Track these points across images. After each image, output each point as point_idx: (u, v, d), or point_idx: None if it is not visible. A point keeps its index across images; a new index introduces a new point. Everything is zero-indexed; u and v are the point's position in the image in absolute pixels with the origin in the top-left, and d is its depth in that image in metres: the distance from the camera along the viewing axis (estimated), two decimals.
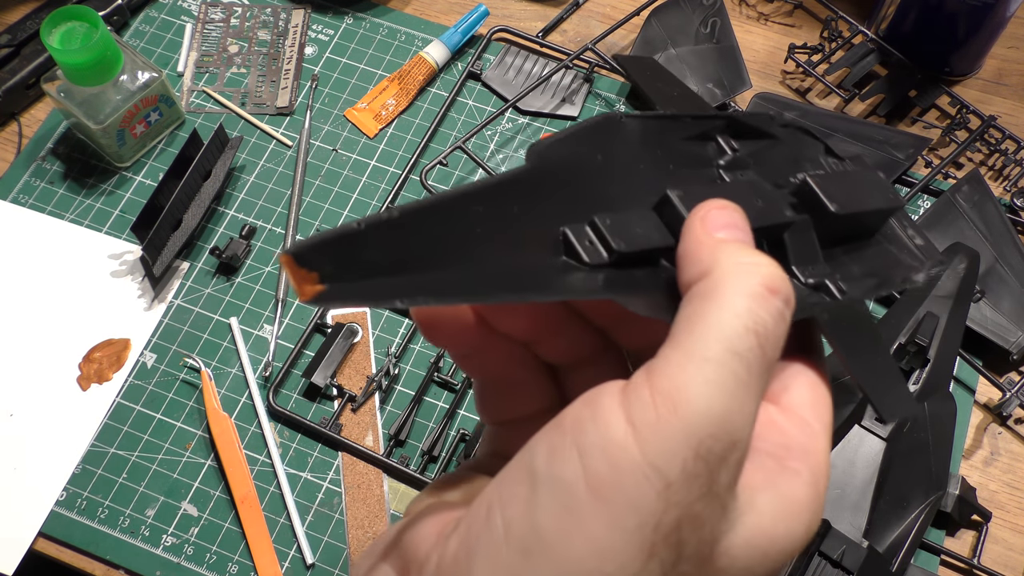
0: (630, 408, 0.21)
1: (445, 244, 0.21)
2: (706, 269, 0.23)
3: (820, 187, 0.26)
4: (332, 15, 0.73)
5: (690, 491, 0.20)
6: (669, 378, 0.21)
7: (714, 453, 0.21)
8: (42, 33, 0.58)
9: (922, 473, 0.50)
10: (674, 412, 0.21)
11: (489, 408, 0.30)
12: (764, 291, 0.22)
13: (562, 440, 0.21)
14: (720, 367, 0.21)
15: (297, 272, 0.19)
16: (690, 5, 0.69)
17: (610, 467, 0.20)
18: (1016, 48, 0.71)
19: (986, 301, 0.58)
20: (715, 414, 0.21)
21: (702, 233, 0.24)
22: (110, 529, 0.55)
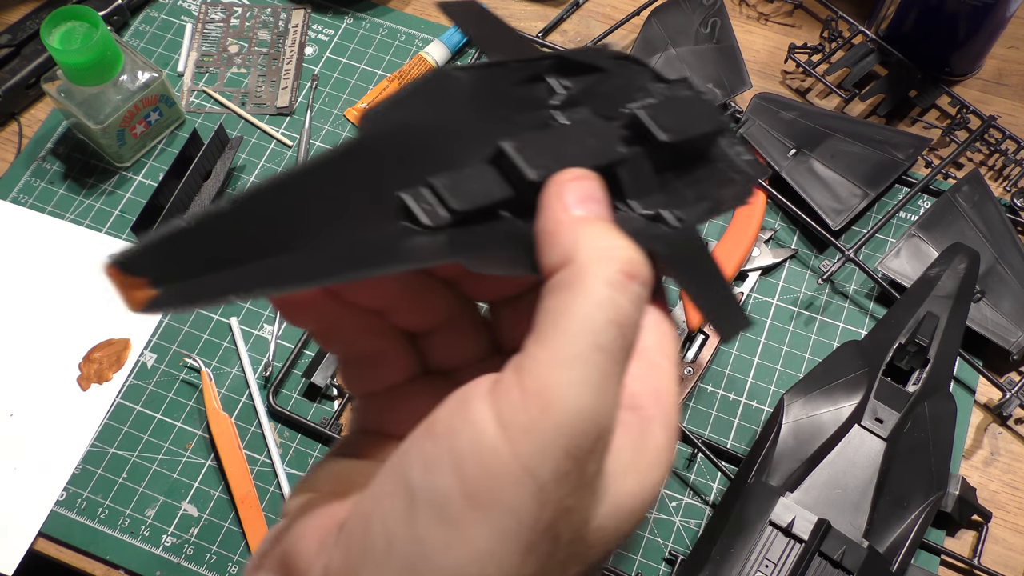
0: (501, 411, 0.21)
1: (282, 228, 0.21)
2: (567, 255, 0.23)
3: (649, 117, 0.26)
4: (332, 15, 0.73)
5: (562, 488, 0.21)
6: (538, 378, 0.21)
7: (583, 449, 0.21)
8: (42, 33, 0.58)
9: (922, 473, 0.50)
10: (544, 413, 0.21)
11: (354, 381, 0.30)
12: (623, 278, 0.23)
13: (435, 449, 0.22)
14: (586, 364, 0.22)
15: (124, 280, 0.19)
16: (690, 5, 0.69)
17: (485, 474, 0.21)
18: (1016, 48, 0.71)
19: (986, 301, 0.58)
20: (584, 412, 0.21)
21: (560, 211, 0.24)
22: (110, 529, 0.55)
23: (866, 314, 0.61)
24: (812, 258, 0.63)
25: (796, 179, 0.63)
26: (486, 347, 0.31)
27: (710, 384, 0.58)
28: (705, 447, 0.54)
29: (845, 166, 0.63)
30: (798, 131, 0.64)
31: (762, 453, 0.51)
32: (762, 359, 0.59)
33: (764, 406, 0.58)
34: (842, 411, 0.51)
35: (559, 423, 0.21)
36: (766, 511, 0.48)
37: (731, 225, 0.62)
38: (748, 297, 0.61)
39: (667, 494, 0.55)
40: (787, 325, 0.60)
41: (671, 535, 0.54)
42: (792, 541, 0.47)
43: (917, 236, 0.60)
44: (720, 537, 0.48)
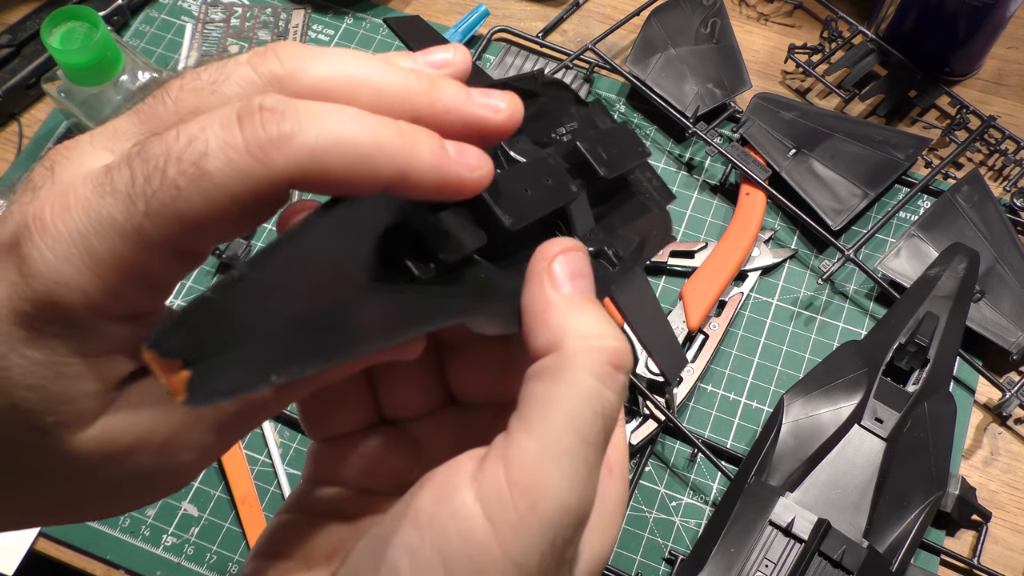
0: (488, 504, 0.22)
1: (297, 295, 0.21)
2: (555, 341, 0.24)
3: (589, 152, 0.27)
4: (332, 15, 0.73)
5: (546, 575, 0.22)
6: (525, 471, 0.22)
7: (566, 539, 0.22)
8: (42, 33, 0.58)
9: (922, 473, 0.50)
10: (532, 510, 0.22)
11: (314, 424, 0.30)
12: (610, 369, 0.23)
13: (422, 541, 0.22)
14: (574, 459, 0.22)
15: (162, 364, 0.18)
16: (690, 5, 0.69)
17: (474, 570, 0.22)
18: (1016, 48, 0.71)
19: (986, 301, 0.58)
20: (570, 507, 0.22)
21: (549, 290, 0.24)
22: (110, 529, 0.55)
23: (866, 314, 0.61)
24: (812, 258, 0.63)
25: (796, 179, 0.63)
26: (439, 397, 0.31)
27: (710, 384, 0.59)
28: (705, 447, 0.54)
29: (845, 166, 0.63)
30: (798, 131, 0.64)
31: (762, 453, 0.51)
32: (762, 359, 0.59)
33: (764, 406, 0.58)
34: (842, 411, 0.51)
35: (547, 520, 0.22)
36: (766, 511, 0.48)
37: (731, 225, 0.62)
38: (748, 297, 0.61)
39: (667, 494, 0.55)
40: (787, 325, 0.60)
41: (671, 535, 0.54)
42: (792, 541, 0.47)
43: (917, 236, 0.60)
44: (720, 537, 0.48)
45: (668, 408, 0.55)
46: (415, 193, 0.22)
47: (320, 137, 0.20)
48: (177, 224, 0.20)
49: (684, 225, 0.64)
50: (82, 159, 0.22)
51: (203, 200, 0.19)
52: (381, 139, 0.21)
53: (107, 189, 0.20)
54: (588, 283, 0.25)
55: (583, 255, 0.25)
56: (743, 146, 0.64)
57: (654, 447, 0.56)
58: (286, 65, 0.22)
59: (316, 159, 0.20)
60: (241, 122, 0.20)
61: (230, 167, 0.19)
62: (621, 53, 0.71)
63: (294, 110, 0.20)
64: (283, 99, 0.21)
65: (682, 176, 0.66)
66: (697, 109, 0.65)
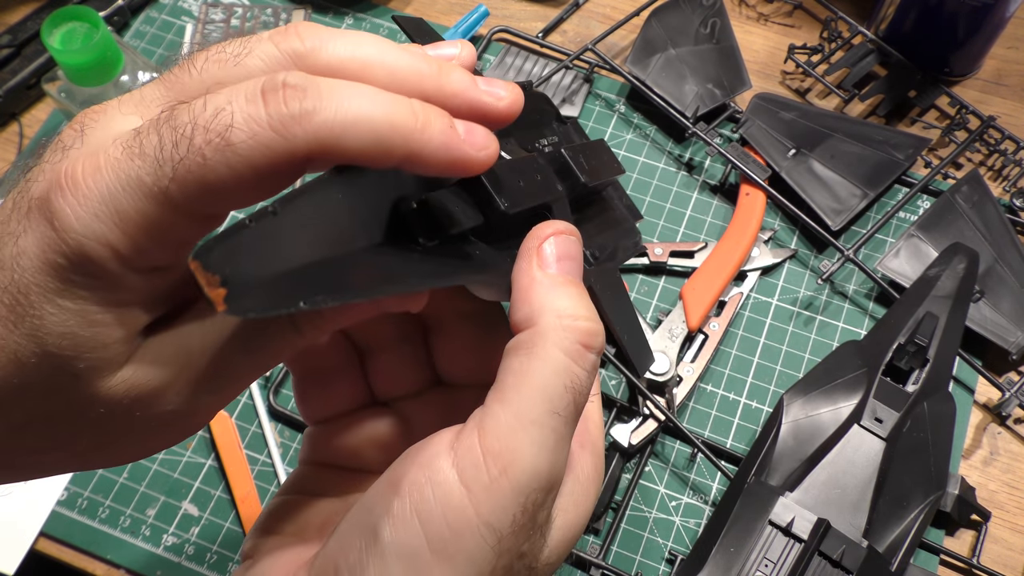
0: (464, 470, 0.24)
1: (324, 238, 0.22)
2: (532, 317, 0.25)
3: (572, 160, 0.29)
4: (332, 15, 0.73)
5: (518, 537, 0.24)
6: (498, 439, 0.24)
7: (537, 503, 0.24)
8: (43, 33, 0.58)
9: (922, 473, 0.51)
10: (504, 474, 0.23)
11: (311, 404, 0.32)
12: (581, 348, 0.25)
13: (402, 506, 0.24)
14: (543, 428, 0.24)
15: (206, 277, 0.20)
16: (690, 5, 0.69)
17: (450, 530, 0.23)
18: (1016, 48, 0.71)
19: (986, 301, 0.58)
20: (540, 472, 0.24)
21: (535, 267, 0.26)
22: (111, 529, 0.55)
23: (866, 314, 0.61)
24: (812, 258, 0.63)
25: (796, 179, 0.63)
26: (427, 378, 0.33)
27: (710, 384, 0.59)
28: (705, 447, 0.54)
29: (845, 166, 0.63)
30: (798, 131, 0.64)
31: (762, 453, 0.51)
32: (762, 359, 0.59)
33: (764, 406, 0.58)
34: (841, 411, 0.51)
35: (517, 483, 0.23)
36: (766, 511, 0.48)
37: (731, 225, 0.62)
38: (748, 297, 0.61)
39: (667, 494, 0.55)
40: (787, 325, 0.60)
41: (671, 535, 0.54)
42: (792, 541, 0.47)
43: (916, 236, 0.60)
44: (720, 537, 0.48)
45: (668, 408, 0.55)
46: (425, 169, 0.23)
47: (339, 114, 0.21)
48: (201, 190, 0.21)
49: (684, 225, 0.64)
50: (111, 123, 0.23)
51: (226, 169, 0.21)
52: (396, 117, 0.22)
53: (136, 152, 0.21)
54: (574, 265, 0.26)
55: (574, 240, 0.27)
56: (743, 146, 0.64)
57: (654, 447, 0.56)
58: (306, 43, 0.23)
59: (335, 135, 0.21)
60: (265, 97, 0.21)
61: (254, 139, 0.21)
62: (621, 53, 0.71)
63: (315, 87, 0.21)
64: (305, 76, 0.21)
65: (682, 176, 0.66)
66: (697, 109, 0.65)
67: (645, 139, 0.67)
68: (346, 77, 0.23)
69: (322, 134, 0.21)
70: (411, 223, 0.25)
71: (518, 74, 0.69)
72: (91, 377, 0.22)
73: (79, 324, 0.22)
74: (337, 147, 0.21)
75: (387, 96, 0.22)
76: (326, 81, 0.22)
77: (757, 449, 0.52)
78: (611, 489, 0.54)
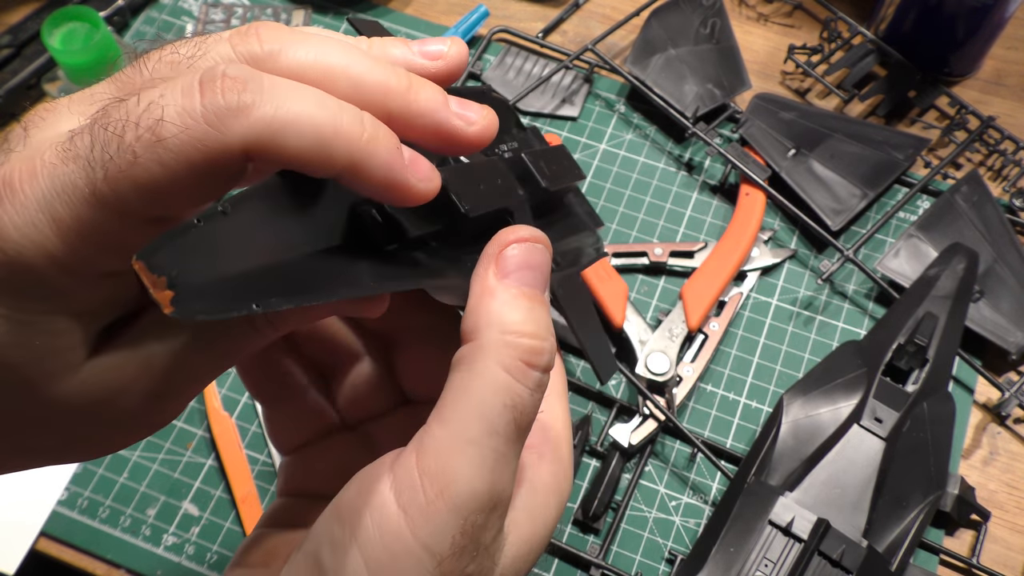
0: (401, 493, 0.23)
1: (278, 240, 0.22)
2: (476, 329, 0.24)
3: (533, 164, 0.28)
4: (332, 15, 0.73)
5: (461, 560, 0.23)
6: (435, 459, 0.23)
7: (478, 524, 0.23)
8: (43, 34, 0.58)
9: (921, 473, 0.51)
10: (441, 495, 0.22)
11: (280, 434, 0.31)
12: (522, 366, 0.24)
13: (342, 533, 0.23)
14: (481, 447, 0.23)
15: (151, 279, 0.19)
16: (690, 6, 0.69)
17: (388, 555, 0.22)
18: (1015, 49, 0.72)
19: (985, 301, 0.58)
20: (479, 492, 0.23)
21: (490, 278, 0.25)
22: (111, 528, 0.55)
23: (865, 314, 0.61)
24: (811, 258, 0.63)
25: (795, 179, 0.63)
26: (392, 397, 0.32)
27: (710, 384, 0.59)
28: (705, 447, 0.54)
29: (844, 166, 0.63)
30: (797, 131, 0.64)
31: (762, 453, 0.51)
32: (762, 359, 0.59)
33: (764, 406, 0.58)
34: (841, 411, 0.51)
35: (454, 504, 0.22)
36: (766, 511, 0.48)
37: (731, 225, 0.62)
38: (748, 297, 0.61)
39: (667, 494, 0.55)
40: (787, 325, 0.60)
41: (671, 535, 0.54)
42: (791, 540, 0.47)
43: (916, 236, 0.60)
44: (720, 537, 0.48)
45: (668, 408, 0.55)
46: (363, 186, 0.22)
47: (280, 112, 0.20)
48: (135, 190, 0.20)
49: (684, 225, 0.64)
50: (57, 122, 0.22)
51: (159, 167, 0.19)
52: (340, 125, 0.21)
53: (70, 155, 0.20)
54: (535, 276, 0.25)
55: (539, 248, 0.26)
56: (743, 146, 0.64)
57: (654, 447, 0.57)
58: (265, 46, 0.22)
59: (273, 133, 0.20)
60: (202, 88, 0.20)
61: (185, 134, 0.19)
62: (621, 53, 0.71)
63: (257, 81, 0.20)
64: (248, 69, 0.20)
65: (682, 176, 0.66)
66: (697, 109, 0.65)
67: (645, 139, 0.67)
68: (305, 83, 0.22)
69: (259, 130, 0.20)
70: (370, 227, 0.24)
71: (518, 74, 0.69)
72: (45, 383, 0.22)
73: (28, 333, 0.21)
74: (276, 146, 0.20)
75: (335, 101, 0.21)
76: (270, 77, 0.21)
77: (757, 449, 0.52)
78: (611, 489, 0.54)
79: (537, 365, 0.24)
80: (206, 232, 0.20)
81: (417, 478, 0.23)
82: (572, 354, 0.59)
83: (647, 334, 0.58)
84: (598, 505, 0.53)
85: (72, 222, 0.20)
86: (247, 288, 0.20)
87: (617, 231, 0.64)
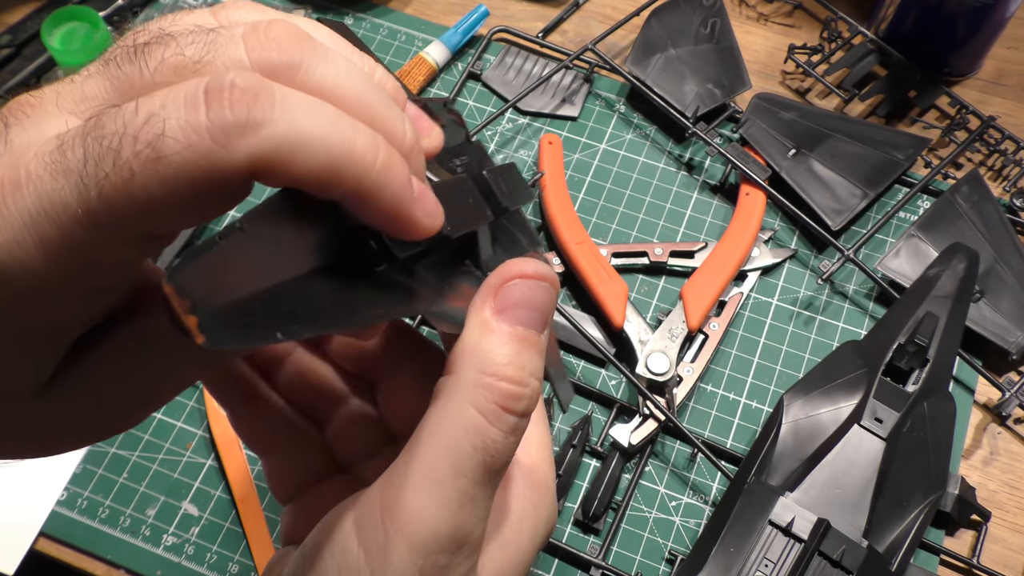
0: (362, 530, 0.22)
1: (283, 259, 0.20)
2: (458, 363, 0.23)
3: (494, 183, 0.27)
4: (332, 15, 0.73)
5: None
6: (397, 497, 0.22)
7: (439, 564, 0.22)
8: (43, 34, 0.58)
9: (922, 473, 0.51)
10: (400, 534, 0.22)
11: (277, 483, 0.31)
12: (497, 410, 0.23)
13: (308, 571, 0.23)
14: (444, 488, 0.22)
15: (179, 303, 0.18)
16: (690, 5, 0.69)
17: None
18: (1015, 49, 0.71)
19: (986, 301, 0.58)
20: (441, 532, 0.22)
21: (484, 311, 0.24)
22: (111, 529, 0.55)
23: (866, 314, 0.61)
24: (812, 258, 0.63)
25: (796, 179, 0.63)
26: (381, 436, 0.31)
27: (710, 384, 0.59)
28: (705, 447, 0.54)
29: (845, 166, 0.63)
30: (798, 131, 0.64)
31: (762, 453, 0.51)
32: (762, 359, 0.59)
33: (764, 406, 0.58)
34: (842, 411, 0.51)
35: (414, 543, 0.22)
36: (766, 511, 0.48)
37: (731, 225, 0.62)
38: (748, 297, 0.61)
39: (667, 494, 0.55)
40: (787, 325, 0.60)
41: (671, 535, 0.54)
42: (792, 541, 0.47)
43: (916, 236, 0.60)
44: (720, 537, 0.48)
45: (668, 408, 0.55)
46: (369, 212, 0.21)
47: (292, 130, 0.19)
48: (132, 210, 0.18)
49: (684, 225, 0.64)
50: (42, 121, 0.21)
51: (158, 186, 0.18)
52: (357, 147, 0.20)
53: (59, 169, 0.19)
54: (533, 316, 0.24)
55: (544, 287, 0.24)
56: (743, 146, 0.64)
57: (654, 447, 0.56)
58: (284, 57, 0.20)
59: (282, 153, 0.19)
60: (208, 100, 0.18)
61: (189, 151, 0.18)
62: (621, 53, 0.71)
63: (268, 94, 0.19)
64: (258, 80, 0.19)
65: (682, 176, 0.66)
66: (697, 109, 0.65)
67: (645, 139, 0.67)
68: None
69: (268, 150, 0.18)
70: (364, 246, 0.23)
71: (518, 74, 0.69)
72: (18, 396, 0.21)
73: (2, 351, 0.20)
74: (284, 166, 0.19)
75: (350, 121, 0.20)
76: (282, 89, 0.19)
77: (757, 449, 0.52)
78: (611, 489, 0.54)
79: (514, 410, 0.23)
80: (226, 250, 0.19)
81: (378, 516, 0.22)
82: (572, 354, 0.59)
83: (647, 334, 0.58)
84: (598, 505, 0.53)
85: (60, 242, 0.19)
86: (266, 312, 0.19)
87: (617, 231, 0.64)
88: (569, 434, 0.56)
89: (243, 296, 0.19)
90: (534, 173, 0.64)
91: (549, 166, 0.64)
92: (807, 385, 0.53)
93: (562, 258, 0.61)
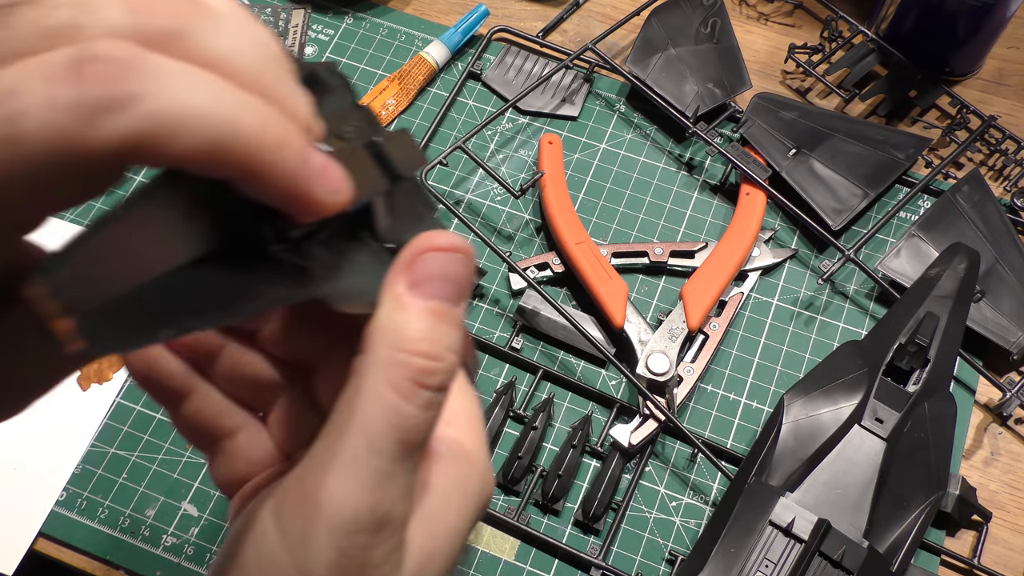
0: (280, 515, 0.22)
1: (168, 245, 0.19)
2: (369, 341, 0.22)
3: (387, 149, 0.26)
4: (332, 15, 0.73)
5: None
6: (314, 479, 0.22)
7: (359, 545, 0.21)
8: None
9: (922, 473, 0.50)
10: (317, 515, 0.21)
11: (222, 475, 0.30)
12: (411, 386, 0.22)
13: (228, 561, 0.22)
14: (360, 467, 0.21)
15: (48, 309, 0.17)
16: (690, 5, 0.69)
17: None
18: (1016, 48, 0.71)
19: (986, 301, 0.58)
20: (358, 512, 0.21)
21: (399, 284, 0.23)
22: (110, 529, 0.55)
23: (866, 314, 0.61)
24: (812, 258, 0.63)
25: (796, 179, 0.63)
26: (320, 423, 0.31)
27: (710, 384, 0.59)
28: (705, 447, 0.54)
29: (845, 166, 0.63)
30: (798, 131, 0.64)
31: (762, 453, 0.51)
32: (762, 359, 0.59)
33: (764, 406, 0.58)
34: (842, 411, 0.51)
35: (331, 524, 0.21)
36: (766, 511, 0.48)
37: (731, 225, 0.62)
38: (748, 297, 0.61)
39: (667, 494, 0.55)
40: (787, 325, 0.60)
41: (671, 535, 0.54)
42: (792, 541, 0.47)
43: (917, 236, 0.60)
44: (720, 537, 0.48)
45: (668, 408, 0.55)
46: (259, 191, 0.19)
47: (168, 106, 0.17)
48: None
49: (684, 225, 0.64)
50: None
51: (18, 168, 0.16)
52: (242, 123, 0.18)
53: None
54: (448, 288, 0.23)
55: (459, 258, 0.23)
56: (743, 146, 0.64)
57: (654, 447, 0.56)
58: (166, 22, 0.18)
59: (158, 132, 0.17)
60: (73, 74, 0.16)
61: (50, 130, 0.16)
62: (621, 53, 0.71)
63: (142, 67, 0.17)
64: (132, 50, 0.17)
65: (682, 176, 0.66)
66: (697, 109, 0.65)
67: (645, 139, 0.67)
68: None
69: (142, 128, 0.17)
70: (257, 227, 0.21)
71: (518, 74, 0.69)
72: None
73: None
74: (160, 146, 0.17)
75: (235, 92, 0.18)
76: (158, 59, 0.17)
77: (757, 449, 0.52)
78: (611, 489, 0.54)
79: (429, 385, 0.22)
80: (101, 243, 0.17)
81: (297, 499, 0.22)
82: (572, 354, 0.59)
83: (647, 334, 0.58)
84: (598, 505, 0.53)
85: None
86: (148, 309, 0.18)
87: (617, 231, 0.64)
88: (569, 434, 0.56)
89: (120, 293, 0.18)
90: (534, 173, 0.64)
91: (549, 166, 0.63)
92: (807, 385, 0.53)
93: (562, 258, 0.61)
